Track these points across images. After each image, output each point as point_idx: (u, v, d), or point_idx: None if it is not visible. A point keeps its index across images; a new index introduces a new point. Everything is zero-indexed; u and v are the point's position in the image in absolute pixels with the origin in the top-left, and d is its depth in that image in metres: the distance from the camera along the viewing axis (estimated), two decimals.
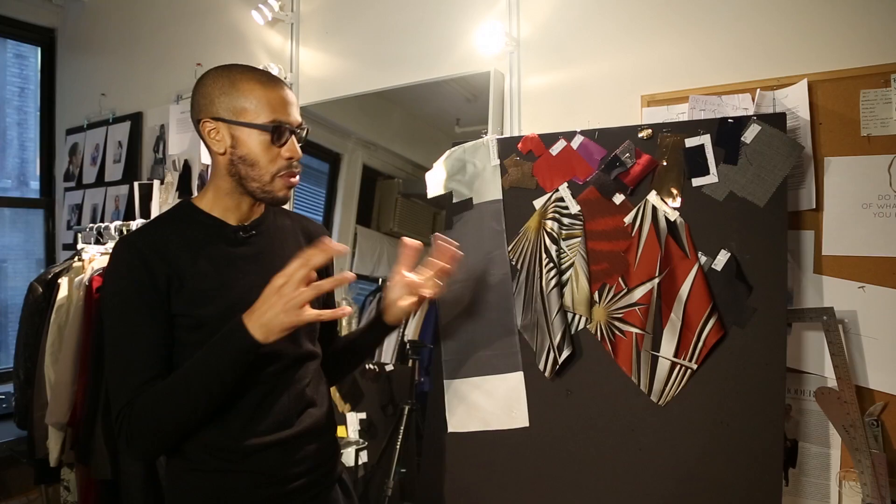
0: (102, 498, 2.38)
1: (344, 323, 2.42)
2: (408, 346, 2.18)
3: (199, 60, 2.84)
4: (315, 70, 2.47)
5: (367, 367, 2.23)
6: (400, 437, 2.02)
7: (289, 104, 1.21)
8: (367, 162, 2.37)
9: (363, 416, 2.22)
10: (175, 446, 1.19)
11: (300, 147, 1.24)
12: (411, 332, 2.21)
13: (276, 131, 1.18)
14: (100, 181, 3.39)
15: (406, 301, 1.38)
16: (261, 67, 2.37)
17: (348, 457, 2.18)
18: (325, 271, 1.39)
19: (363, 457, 2.18)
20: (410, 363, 2.11)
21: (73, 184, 3.54)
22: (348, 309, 1.36)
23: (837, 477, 1.45)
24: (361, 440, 2.20)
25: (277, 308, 1.06)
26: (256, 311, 1.08)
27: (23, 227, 3.80)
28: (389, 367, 2.18)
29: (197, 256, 1.20)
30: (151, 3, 3.16)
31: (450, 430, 1.67)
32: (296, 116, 1.23)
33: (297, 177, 1.26)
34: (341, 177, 2.41)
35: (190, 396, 1.10)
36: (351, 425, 2.24)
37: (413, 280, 1.38)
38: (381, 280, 2.33)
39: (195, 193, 2.86)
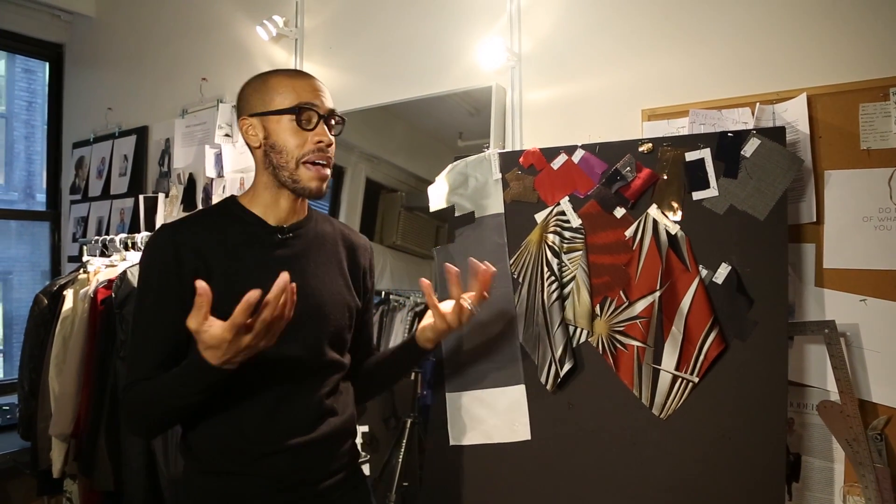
0: None
1: None
2: None
3: (204, 75, 2.87)
4: None
5: None
6: (402, 450, 2.02)
7: (316, 90, 1.24)
8: (370, 175, 2.38)
9: (365, 429, 2.21)
10: (173, 429, 1.22)
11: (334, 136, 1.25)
12: None
13: (301, 112, 1.20)
14: (105, 194, 3.41)
15: (438, 322, 1.34)
16: None
17: None
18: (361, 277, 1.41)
19: (366, 470, 2.18)
20: (413, 376, 2.11)
21: (78, 196, 3.56)
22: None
23: (841, 491, 1.44)
24: (364, 453, 2.19)
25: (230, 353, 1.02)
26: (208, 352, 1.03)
27: (29, 240, 3.83)
28: None
29: (231, 255, 1.21)
30: (157, 19, 3.20)
31: (451, 443, 1.67)
32: (325, 103, 1.24)
33: (328, 170, 1.26)
34: (344, 190, 2.42)
35: (170, 403, 1.13)
36: None
37: (443, 306, 1.35)
38: (383, 293, 2.34)
39: (199, 206, 2.88)
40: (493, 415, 1.62)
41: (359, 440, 2.22)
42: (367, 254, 1.44)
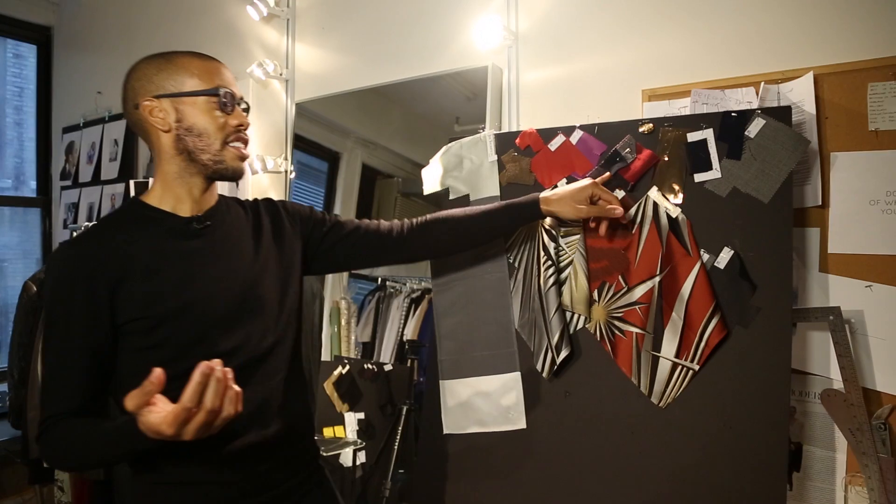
0: (95, 498, 2.36)
1: (343, 322, 2.39)
2: (406, 346, 2.15)
3: None
4: (311, 66, 2.44)
5: (365, 366, 2.20)
6: (398, 437, 2.00)
7: (228, 75, 1.21)
8: (366, 161, 2.35)
9: (361, 416, 2.19)
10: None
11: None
12: (410, 331, 2.18)
13: (224, 96, 1.16)
14: (96, 180, 3.36)
15: (584, 207, 1.38)
16: (256, 63, 2.38)
17: (346, 457, 2.16)
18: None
19: (361, 457, 2.15)
20: (409, 363, 2.08)
21: (69, 182, 3.51)
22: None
23: (843, 482, 1.41)
24: (360, 440, 2.17)
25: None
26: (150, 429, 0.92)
27: (20, 227, 3.77)
28: (388, 367, 2.15)
29: (147, 255, 1.13)
30: (148, 1, 3.13)
31: (445, 431, 1.63)
32: (237, 89, 1.21)
33: (248, 149, 1.23)
34: (340, 175, 2.39)
35: (98, 458, 1.08)
36: (349, 425, 2.21)
37: (608, 196, 1.39)
38: (380, 280, 2.30)
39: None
40: (487, 403, 1.59)
41: (355, 427, 2.21)
42: (282, 209, 1.37)
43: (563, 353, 1.47)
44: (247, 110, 1.24)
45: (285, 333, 1.27)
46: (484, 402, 1.59)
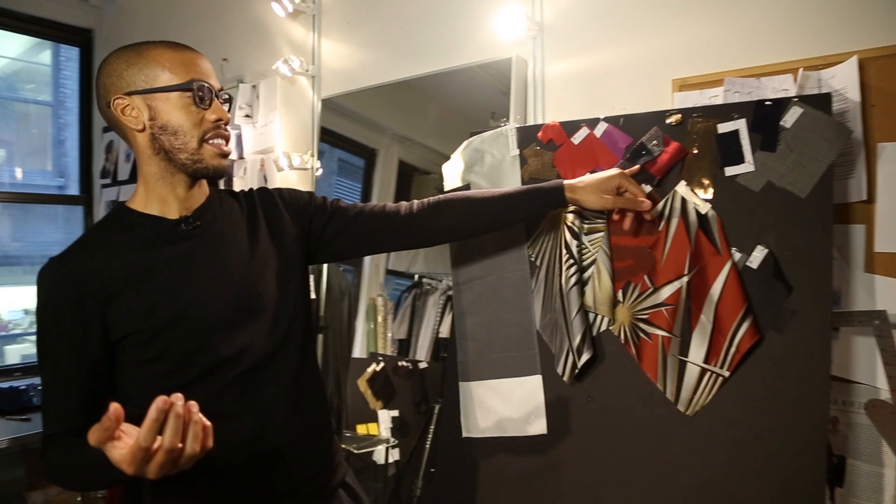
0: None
1: (379, 319, 2.36)
2: (442, 344, 2.11)
3: (224, 56, 2.82)
4: (336, 62, 2.41)
5: (399, 364, 2.17)
6: (430, 435, 1.96)
7: (205, 67, 1.13)
8: (402, 157, 2.33)
9: (395, 413, 2.17)
10: None
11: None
12: (446, 329, 2.14)
13: (199, 90, 1.09)
14: (133, 178, 3.41)
15: (610, 197, 1.31)
16: (281, 60, 2.37)
17: (379, 455, 2.15)
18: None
19: (395, 455, 2.14)
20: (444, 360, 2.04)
21: (108, 181, 3.58)
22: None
23: (892, 500, 1.30)
24: (393, 438, 2.15)
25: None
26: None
27: (65, 224, 3.88)
28: (423, 365, 2.13)
29: (135, 266, 1.08)
30: (180, 1, 3.16)
31: (464, 434, 1.58)
32: (215, 81, 1.13)
33: (229, 144, 1.16)
34: (377, 172, 2.38)
35: (90, 484, 1.08)
36: (383, 423, 2.19)
37: (636, 188, 1.33)
38: (416, 276, 2.27)
39: (232, 186, 2.83)
40: (507, 406, 1.53)
41: (388, 425, 2.19)
42: (278, 198, 1.30)
43: (585, 357, 1.40)
44: (228, 101, 1.18)
45: (292, 332, 1.21)
46: (504, 405, 1.53)
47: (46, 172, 3.96)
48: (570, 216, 1.46)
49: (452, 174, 1.69)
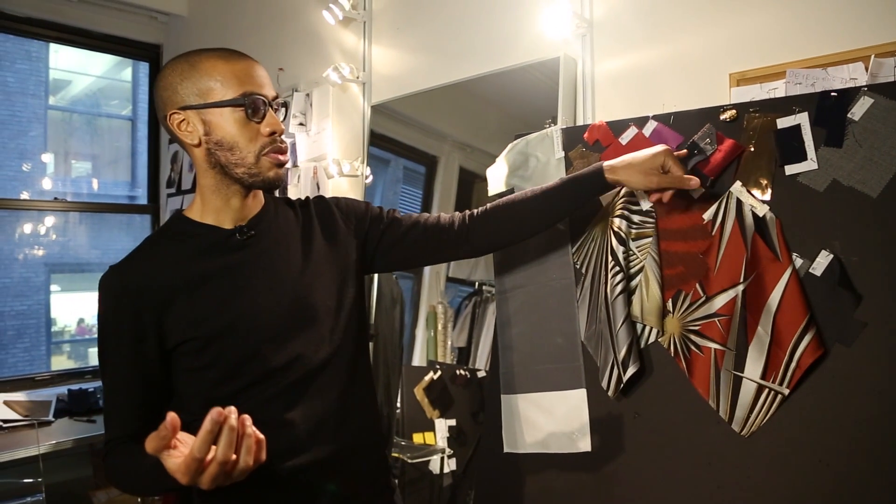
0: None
1: (439, 327, 2.33)
2: None
3: (281, 65, 2.87)
4: (386, 67, 2.41)
5: (457, 372, 2.13)
6: None
7: (259, 75, 1.11)
8: (463, 164, 2.30)
9: (453, 422, 2.12)
10: None
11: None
12: None
13: (251, 104, 1.08)
14: (195, 187, 3.52)
15: (654, 177, 1.22)
16: (332, 68, 2.38)
17: (434, 464, 2.11)
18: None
19: (451, 465, 2.08)
20: None
21: (173, 190, 3.71)
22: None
23: None
24: (449, 448, 2.10)
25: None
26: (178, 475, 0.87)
27: (134, 232, 4.06)
28: (482, 374, 2.08)
29: (190, 274, 1.10)
30: (241, 13, 3.24)
31: (505, 449, 1.52)
32: (269, 90, 1.12)
33: (287, 154, 1.15)
34: (438, 179, 2.36)
35: (150, 490, 1.11)
36: (439, 432, 2.15)
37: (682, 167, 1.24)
38: (477, 284, 2.23)
39: (287, 194, 2.88)
40: (550, 421, 1.46)
41: (445, 434, 2.15)
42: (335, 207, 1.30)
43: (631, 370, 1.31)
44: (283, 107, 1.17)
45: (344, 342, 1.20)
46: (547, 420, 1.47)
47: (124, 183, 4.17)
48: (617, 220, 1.38)
49: (497, 178, 1.65)
